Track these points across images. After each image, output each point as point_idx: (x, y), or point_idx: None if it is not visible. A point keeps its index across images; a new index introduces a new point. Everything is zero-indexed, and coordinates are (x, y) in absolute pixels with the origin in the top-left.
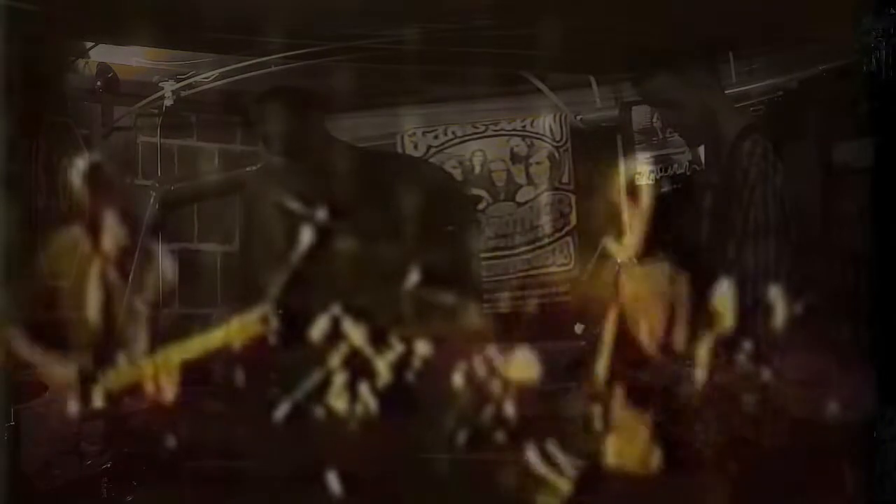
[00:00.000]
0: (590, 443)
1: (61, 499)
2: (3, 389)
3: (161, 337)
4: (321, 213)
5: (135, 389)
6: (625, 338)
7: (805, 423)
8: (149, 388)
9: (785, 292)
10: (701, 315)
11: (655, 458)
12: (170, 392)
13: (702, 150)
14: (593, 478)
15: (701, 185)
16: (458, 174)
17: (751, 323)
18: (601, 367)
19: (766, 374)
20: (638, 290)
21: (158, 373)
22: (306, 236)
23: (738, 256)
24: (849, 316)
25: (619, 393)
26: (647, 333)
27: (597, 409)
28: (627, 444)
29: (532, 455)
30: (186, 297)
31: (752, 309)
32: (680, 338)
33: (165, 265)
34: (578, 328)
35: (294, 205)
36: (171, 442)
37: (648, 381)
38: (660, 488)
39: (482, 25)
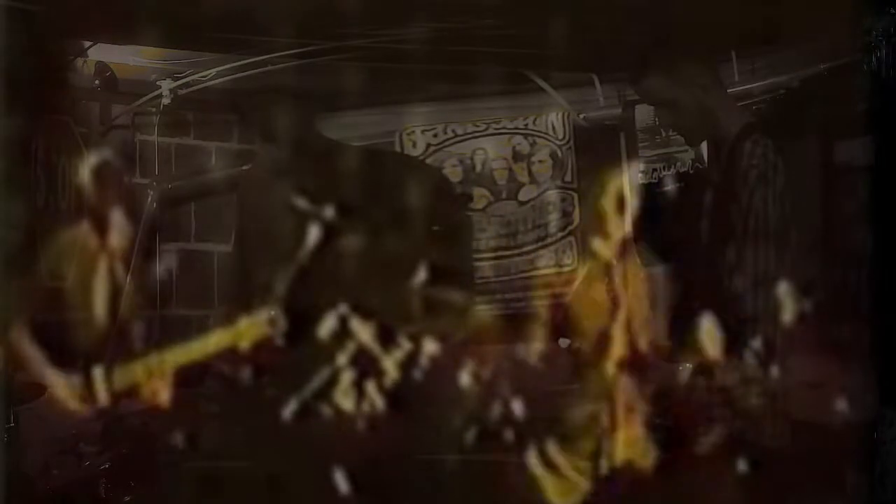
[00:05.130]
0: (594, 443)
1: (61, 499)
2: (3, 390)
3: (159, 337)
4: (328, 211)
5: (136, 390)
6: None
7: (806, 424)
8: (150, 388)
9: (786, 293)
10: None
11: (657, 459)
12: (172, 393)
13: (705, 147)
14: (598, 478)
15: (703, 184)
16: (458, 172)
17: (752, 324)
18: (608, 367)
19: (767, 376)
20: (639, 290)
21: (160, 373)
22: (312, 235)
23: (738, 257)
24: (849, 316)
25: (622, 394)
26: (647, 335)
27: (602, 410)
28: (630, 444)
29: (534, 456)
30: (184, 297)
31: (753, 310)
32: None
33: (163, 264)
34: (563, 343)
35: (301, 203)
36: (174, 442)
37: (650, 383)
38: (661, 488)
39: (484, 24)
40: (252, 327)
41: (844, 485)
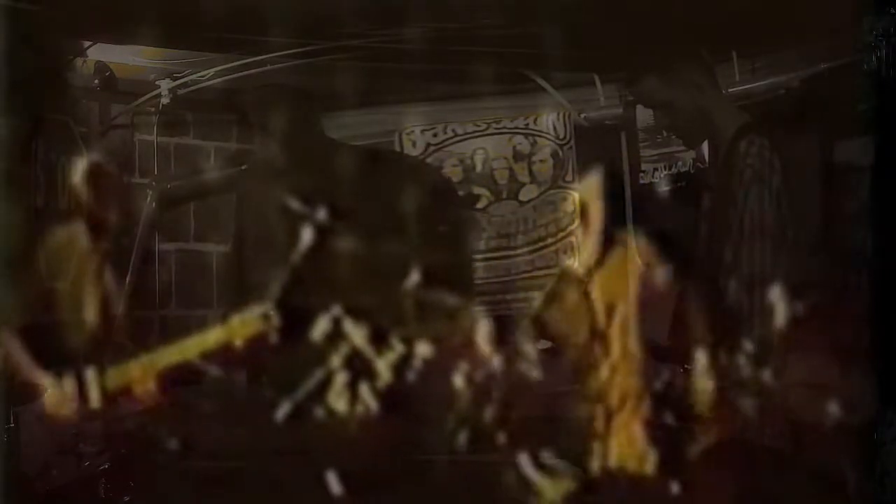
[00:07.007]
0: (590, 445)
1: (60, 499)
2: (3, 390)
3: (157, 338)
4: (321, 213)
5: (133, 390)
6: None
7: (805, 425)
8: (147, 388)
9: (783, 294)
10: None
11: (654, 461)
12: (167, 392)
13: (706, 147)
14: (594, 480)
15: (703, 184)
16: (458, 172)
17: (750, 324)
18: (606, 368)
19: (765, 376)
20: (639, 290)
21: (157, 373)
22: (306, 235)
23: (734, 258)
24: (849, 317)
25: (620, 395)
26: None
27: (599, 411)
28: (627, 446)
29: (527, 459)
30: (182, 297)
31: (749, 311)
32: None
33: (162, 264)
34: (543, 344)
35: (295, 204)
36: (170, 443)
37: (647, 384)
38: (660, 490)
39: (484, 24)
40: (245, 325)
41: (844, 485)
